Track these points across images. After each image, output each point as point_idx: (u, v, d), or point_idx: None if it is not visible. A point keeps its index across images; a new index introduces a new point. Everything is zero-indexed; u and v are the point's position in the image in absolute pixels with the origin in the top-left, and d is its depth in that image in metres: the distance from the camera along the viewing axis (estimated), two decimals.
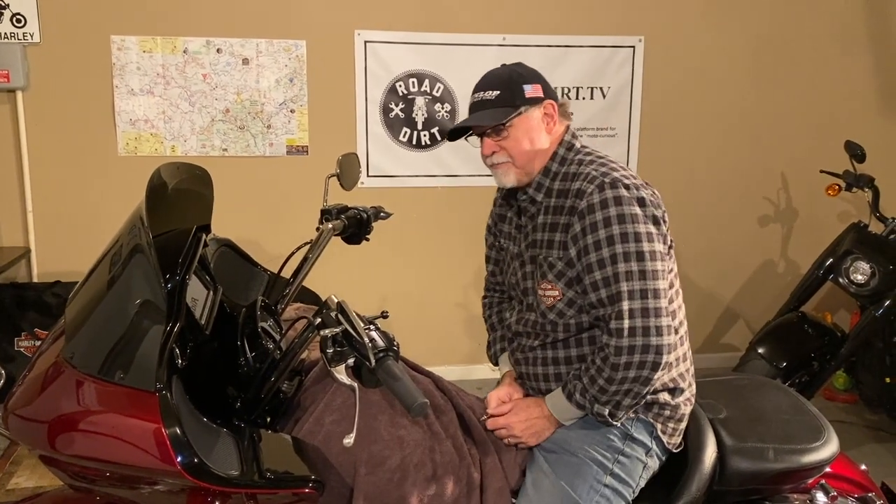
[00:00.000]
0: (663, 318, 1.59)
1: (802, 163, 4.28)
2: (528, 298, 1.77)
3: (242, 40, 3.74)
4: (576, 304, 1.67)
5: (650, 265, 1.59)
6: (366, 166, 3.95)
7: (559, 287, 1.68)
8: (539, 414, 1.71)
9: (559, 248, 1.68)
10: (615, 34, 4.07)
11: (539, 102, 1.72)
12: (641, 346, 1.58)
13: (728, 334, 4.44)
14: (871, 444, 3.54)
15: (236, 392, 1.57)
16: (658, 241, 1.62)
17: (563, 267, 1.67)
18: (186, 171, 1.67)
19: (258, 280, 1.94)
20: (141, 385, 1.29)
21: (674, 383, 1.71)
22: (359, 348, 1.30)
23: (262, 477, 1.33)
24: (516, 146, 1.71)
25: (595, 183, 1.62)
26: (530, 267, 1.76)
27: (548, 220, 1.71)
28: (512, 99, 1.69)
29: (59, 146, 3.70)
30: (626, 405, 1.63)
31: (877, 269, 3.33)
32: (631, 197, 1.61)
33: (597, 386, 1.62)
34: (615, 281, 1.58)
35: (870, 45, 4.29)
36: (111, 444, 1.31)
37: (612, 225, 1.59)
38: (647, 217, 1.62)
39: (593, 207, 1.61)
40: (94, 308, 1.43)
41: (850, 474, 1.93)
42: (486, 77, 1.75)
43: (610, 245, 1.59)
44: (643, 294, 1.58)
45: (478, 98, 1.73)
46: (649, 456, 1.70)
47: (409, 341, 4.15)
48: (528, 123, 1.71)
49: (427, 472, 1.55)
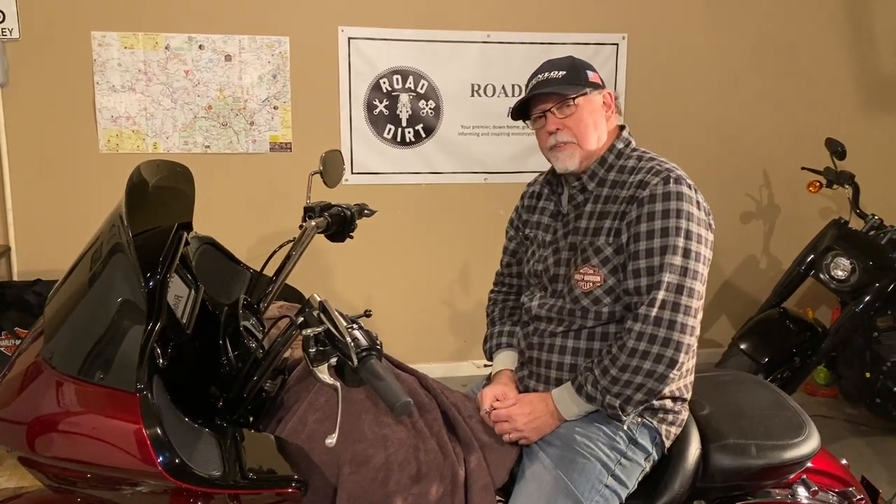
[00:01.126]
0: (691, 317, 1.61)
1: (784, 160, 4.32)
2: (557, 285, 1.77)
3: (225, 36, 3.71)
4: (614, 292, 1.69)
5: (694, 265, 1.62)
6: (350, 163, 3.93)
7: (602, 273, 1.69)
8: (544, 410, 1.70)
9: (608, 234, 1.69)
10: (599, 31, 4.07)
11: (600, 89, 1.78)
12: (663, 338, 1.59)
13: (710, 330, 4.47)
14: (850, 437, 3.58)
15: (218, 392, 1.56)
16: (707, 247, 1.67)
17: (610, 253, 1.69)
18: (167, 169, 1.65)
19: (241, 278, 1.93)
20: (121, 385, 1.28)
21: (679, 392, 1.74)
22: (341, 348, 1.29)
23: (245, 477, 1.32)
24: (581, 125, 1.74)
25: (661, 176, 1.67)
26: (567, 254, 1.76)
27: (597, 209, 1.74)
28: (578, 79, 1.74)
29: (40, 143, 3.66)
30: (637, 400, 1.63)
31: (857, 265, 3.36)
32: (692, 197, 1.66)
33: (609, 376, 1.62)
34: (658, 271, 1.61)
35: (851, 43, 4.33)
36: (91, 446, 1.30)
37: (671, 218, 1.63)
38: (702, 220, 1.67)
39: (655, 198, 1.64)
40: (73, 308, 1.41)
41: (830, 469, 1.95)
42: (547, 62, 1.79)
43: (663, 236, 1.62)
44: (680, 289, 1.60)
45: (543, 77, 1.76)
46: (648, 461, 1.71)
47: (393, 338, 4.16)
48: (592, 106, 1.76)
49: (411, 470, 1.54)
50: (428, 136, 4.00)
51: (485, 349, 2.01)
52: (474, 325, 4.26)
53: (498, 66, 3.98)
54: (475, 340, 4.30)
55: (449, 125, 4.02)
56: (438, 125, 4.01)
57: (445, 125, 4.02)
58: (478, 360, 4.31)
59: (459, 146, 4.05)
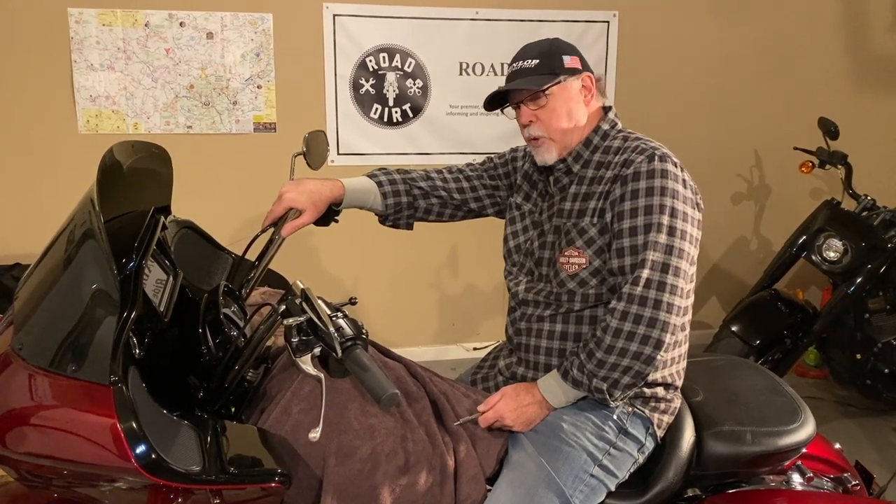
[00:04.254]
0: (677, 297, 1.57)
1: (776, 140, 4.28)
2: (542, 269, 1.74)
3: (206, 13, 3.61)
4: (600, 273, 1.65)
5: (680, 243, 1.58)
6: (335, 144, 3.86)
7: (587, 254, 1.66)
8: (530, 400, 1.65)
9: (593, 215, 1.66)
10: (589, 8, 4.00)
11: (577, 73, 1.73)
12: (649, 318, 1.54)
13: (701, 312, 4.45)
14: (841, 419, 3.57)
15: (199, 382, 1.50)
16: (694, 225, 1.63)
17: (595, 234, 1.65)
18: (142, 150, 1.58)
19: (222, 263, 1.87)
20: (94, 378, 1.22)
21: (671, 378, 1.70)
22: (324, 338, 1.24)
23: (225, 472, 1.27)
24: (553, 117, 1.71)
25: (645, 154, 1.63)
26: (552, 237, 1.73)
27: (581, 190, 1.70)
28: (552, 67, 1.69)
29: (17, 124, 3.56)
30: (624, 384, 1.58)
31: (849, 246, 3.33)
32: (678, 174, 1.62)
33: (595, 359, 1.58)
34: (643, 249, 1.57)
35: (844, 22, 4.28)
36: (65, 441, 1.24)
37: (654, 196, 1.58)
38: (688, 199, 1.63)
39: (639, 175, 1.60)
40: (44, 296, 1.35)
41: (825, 454, 1.93)
42: (524, 47, 1.75)
43: (647, 214, 1.58)
44: (665, 268, 1.56)
45: (517, 67, 1.73)
46: (641, 452, 1.68)
47: (381, 323, 4.12)
48: (567, 93, 1.71)
49: (399, 461, 1.50)
50: (415, 116, 3.93)
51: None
52: (463, 308, 4.22)
53: (487, 44, 3.91)
54: (463, 324, 4.28)
55: (437, 105, 3.94)
56: (426, 105, 3.93)
57: (433, 105, 3.94)
58: (467, 343, 4.27)
59: (447, 126, 3.98)
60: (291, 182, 1.76)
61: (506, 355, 1.85)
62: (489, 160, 2.02)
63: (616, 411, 1.66)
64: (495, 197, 1.99)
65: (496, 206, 2.00)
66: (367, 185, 1.89)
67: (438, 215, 2.00)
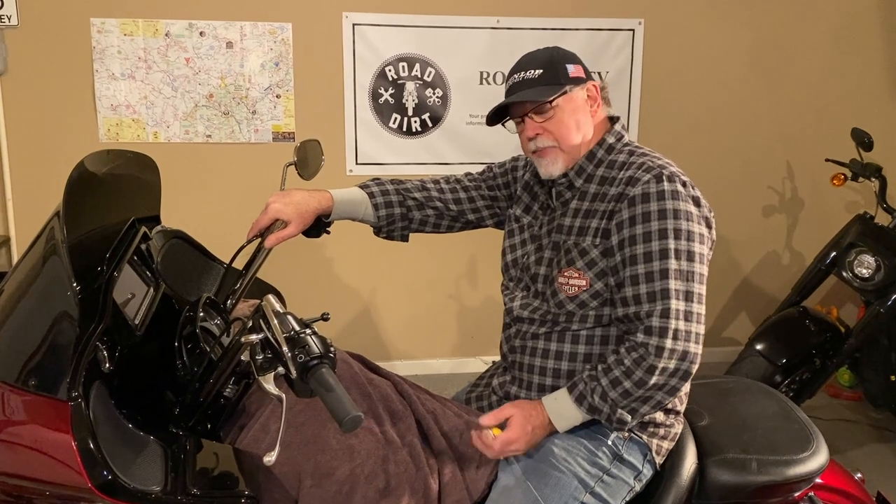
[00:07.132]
0: (701, 325, 1.50)
1: (807, 151, 4.12)
2: (538, 285, 1.66)
3: (226, 23, 3.62)
4: (601, 296, 1.57)
5: (698, 268, 1.51)
6: (354, 153, 3.83)
7: (588, 276, 1.57)
8: (540, 423, 1.54)
9: (595, 234, 1.57)
10: (614, 16, 3.91)
11: (582, 83, 1.65)
12: (682, 351, 1.47)
13: (730, 328, 4.30)
14: (874, 443, 3.41)
15: (175, 397, 1.46)
16: (706, 246, 1.55)
17: (597, 255, 1.57)
18: (120, 158, 1.55)
19: (213, 274, 1.84)
20: (53, 393, 1.19)
21: (673, 404, 1.62)
22: (280, 357, 1.18)
23: (187, 493, 1.22)
24: (562, 128, 1.62)
25: (652, 173, 1.54)
26: (550, 253, 1.65)
27: (583, 206, 1.62)
28: (556, 77, 1.61)
29: (39, 132, 3.60)
30: (641, 413, 1.51)
31: (882, 262, 3.18)
32: (688, 194, 1.54)
33: (621, 388, 1.49)
34: (662, 277, 1.48)
35: (879, 30, 4.12)
36: (25, 458, 1.21)
37: (668, 218, 1.50)
38: (701, 218, 1.55)
39: (648, 197, 1.51)
40: (11, 311, 1.32)
41: (841, 485, 1.81)
42: (525, 57, 1.67)
43: (662, 238, 1.49)
44: (689, 297, 1.49)
45: (518, 78, 1.64)
46: (637, 479, 1.59)
47: (399, 334, 4.07)
48: (574, 104, 1.63)
49: (379, 483, 1.44)
50: (435, 125, 3.88)
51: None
52: (481, 320, 4.14)
53: (508, 53, 3.83)
54: (483, 336, 4.20)
55: (456, 114, 3.89)
56: (446, 114, 3.88)
57: (453, 114, 3.88)
58: (486, 357, 4.19)
59: (467, 136, 3.92)
60: (279, 193, 1.72)
61: (500, 374, 1.78)
62: (489, 169, 1.95)
63: (611, 436, 1.58)
64: (494, 208, 1.92)
65: (495, 217, 1.93)
66: (358, 196, 1.84)
67: (435, 227, 1.94)
